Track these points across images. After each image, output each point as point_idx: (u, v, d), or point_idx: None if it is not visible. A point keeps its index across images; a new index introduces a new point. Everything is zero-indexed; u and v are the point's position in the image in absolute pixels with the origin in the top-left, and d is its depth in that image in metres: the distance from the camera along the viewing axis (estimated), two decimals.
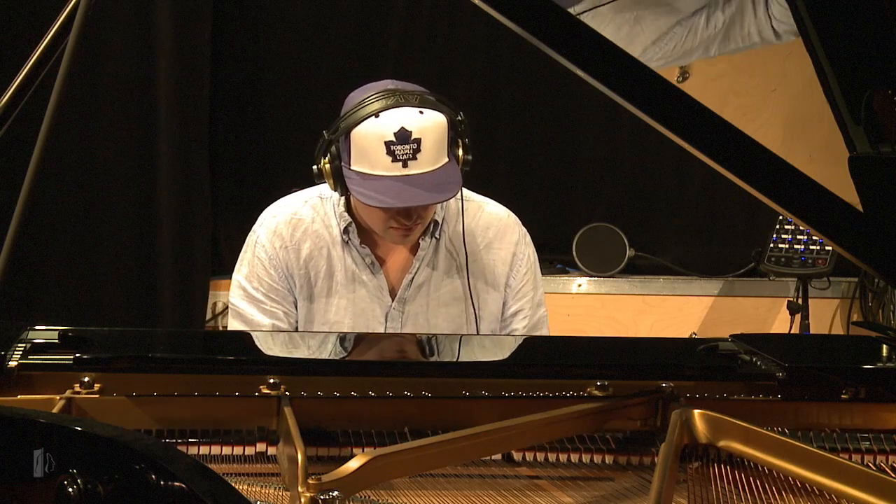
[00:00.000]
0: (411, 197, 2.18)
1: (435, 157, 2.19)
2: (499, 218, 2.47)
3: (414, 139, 2.15)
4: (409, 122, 2.16)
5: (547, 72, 4.05)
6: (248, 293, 2.40)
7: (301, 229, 2.40)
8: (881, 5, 1.43)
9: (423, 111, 2.19)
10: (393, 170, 2.16)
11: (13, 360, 1.66)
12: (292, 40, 4.08)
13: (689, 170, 4.15)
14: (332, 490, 1.29)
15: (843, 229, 1.52)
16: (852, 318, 4.16)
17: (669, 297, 4.13)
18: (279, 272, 2.38)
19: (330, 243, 2.38)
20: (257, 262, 2.40)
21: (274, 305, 2.38)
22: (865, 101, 1.48)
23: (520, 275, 2.44)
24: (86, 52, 3.67)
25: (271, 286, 2.38)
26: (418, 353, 2.12)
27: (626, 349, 2.31)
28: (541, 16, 1.39)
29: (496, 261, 2.43)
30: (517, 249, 2.45)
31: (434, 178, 2.18)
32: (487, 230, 2.44)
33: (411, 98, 2.20)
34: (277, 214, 2.43)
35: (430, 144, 2.17)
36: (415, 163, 2.16)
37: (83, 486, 1.20)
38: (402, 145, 2.15)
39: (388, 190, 2.17)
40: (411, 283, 2.39)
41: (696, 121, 1.45)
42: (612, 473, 1.61)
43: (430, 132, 2.18)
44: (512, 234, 2.46)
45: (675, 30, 2.74)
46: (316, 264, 2.38)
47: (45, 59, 1.61)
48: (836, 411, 1.73)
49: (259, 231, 2.43)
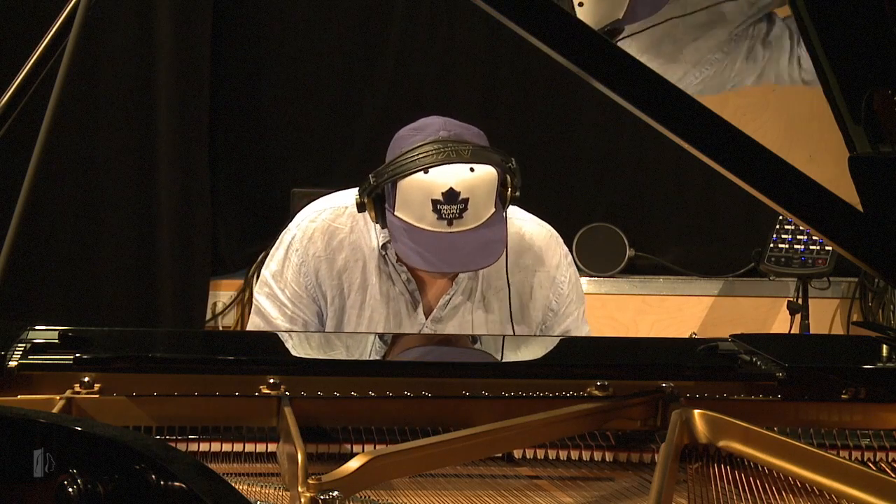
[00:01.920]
0: (455, 261, 2.16)
1: (482, 213, 2.15)
2: (538, 240, 2.41)
3: (462, 199, 2.11)
4: (459, 181, 2.11)
5: (547, 72, 4.05)
6: (273, 292, 2.36)
7: (338, 238, 2.35)
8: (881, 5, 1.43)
9: (473, 168, 2.13)
10: (438, 227, 2.12)
11: (13, 360, 1.66)
12: (292, 40, 4.09)
13: (689, 170, 4.15)
14: (332, 490, 1.29)
15: (843, 229, 1.52)
16: (852, 318, 4.17)
17: (669, 297, 4.13)
18: (308, 279, 2.34)
19: (366, 256, 2.33)
20: (288, 263, 2.36)
21: (296, 311, 2.35)
22: (865, 101, 1.48)
23: (562, 297, 2.40)
24: (86, 52, 3.67)
25: (296, 292, 2.35)
26: (419, 353, 2.12)
27: (626, 349, 2.31)
28: (541, 16, 1.39)
29: (535, 284, 2.38)
30: (557, 273, 2.40)
31: (478, 237, 2.14)
32: (529, 252, 2.39)
33: (463, 152, 2.13)
34: (315, 220, 2.37)
35: (478, 202, 2.13)
36: (460, 221, 2.12)
37: (83, 486, 1.20)
38: (449, 205, 2.11)
39: (432, 247, 2.13)
40: (447, 304, 2.35)
41: (696, 121, 1.45)
42: (612, 473, 1.61)
43: (479, 190, 2.13)
44: (552, 256, 2.41)
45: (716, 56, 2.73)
46: (350, 276, 2.34)
47: (45, 59, 1.61)
48: (836, 411, 1.73)
49: (295, 232, 2.38)
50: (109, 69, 3.86)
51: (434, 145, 2.14)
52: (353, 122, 4.11)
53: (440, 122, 2.21)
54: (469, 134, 2.21)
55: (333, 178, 4.09)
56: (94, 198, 3.92)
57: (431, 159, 2.12)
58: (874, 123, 1.48)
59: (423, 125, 2.22)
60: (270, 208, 4.10)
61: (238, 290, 4.08)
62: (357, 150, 4.13)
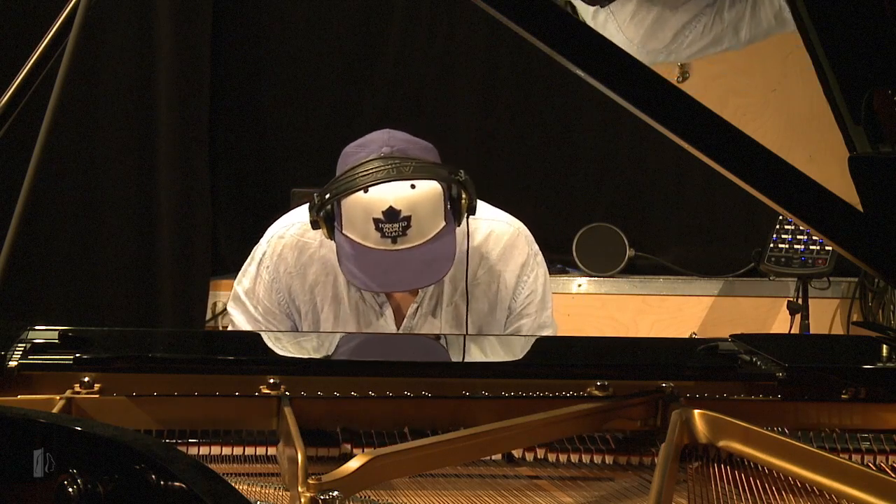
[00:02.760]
0: (398, 280, 2.13)
1: (427, 230, 2.12)
2: (507, 236, 2.38)
3: (403, 217, 2.08)
4: (399, 199, 2.08)
5: (547, 72, 4.05)
6: (247, 309, 2.38)
7: (307, 253, 2.35)
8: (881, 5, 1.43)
9: (414, 185, 2.09)
10: (382, 244, 2.10)
11: (13, 360, 1.66)
12: (292, 40, 4.09)
13: (689, 170, 4.14)
14: (332, 490, 1.29)
15: (843, 229, 1.52)
16: (852, 318, 4.16)
17: (669, 297, 4.12)
18: (280, 295, 2.35)
19: (337, 270, 2.31)
20: (259, 280, 2.37)
21: (268, 327, 2.36)
22: (865, 101, 1.48)
23: (521, 297, 2.38)
24: (86, 52, 3.67)
25: (268, 308, 2.36)
26: (419, 353, 2.12)
27: (626, 349, 2.31)
28: (541, 16, 1.39)
29: (500, 284, 2.36)
30: (523, 271, 2.37)
31: (424, 253, 2.12)
32: (493, 251, 2.37)
33: (404, 169, 2.10)
34: (284, 235, 2.37)
35: (422, 218, 2.10)
36: (404, 238, 2.10)
37: (83, 486, 1.20)
38: (390, 224, 2.08)
39: (377, 265, 2.11)
40: (416, 312, 2.34)
41: (696, 121, 1.45)
42: (612, 473, 1.61)
43: (422, 206, 2.10)
44: (519, 255, 2.38)
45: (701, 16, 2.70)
46: (323, 290, 2.34)
47: (45, 59, 1.61)
48: (836, 411, 1.73)
49: (266, 249, 2.38)
50: (109, 69, 3.86)
51: (376, 163, 2.11)
52: (353, 122, 4.11)
53: (385, 137, 2.18)
54: (415, 149, 2.17)
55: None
56: (94, 198, 3.92)
57: (372, 178, 2.09)
58: (874, 123, 1.48)
59: (368, 141, 2.19)
60: (270, 208, 4.07)
61: None
62: None
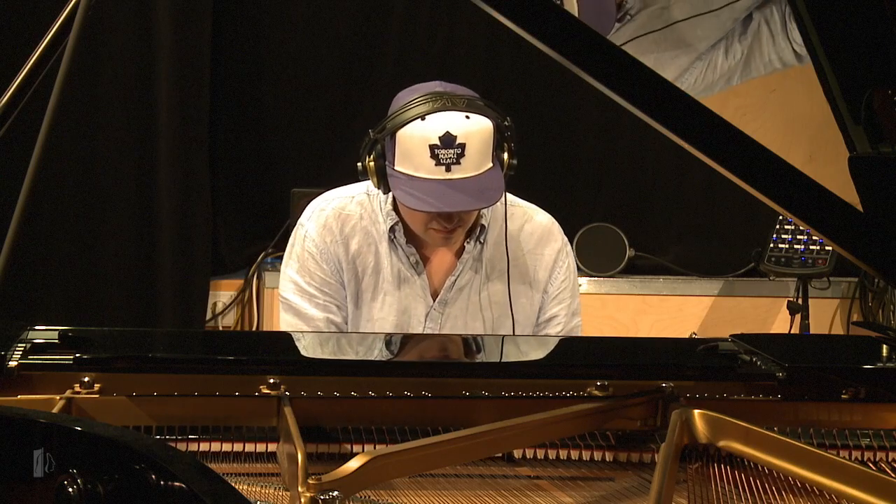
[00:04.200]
0: (454, 202, 2.19)
1: (479, 162, 2.20)
2: (543, 225, 2.47)
3: (458, 144, 2.16)
4: (455, 126, 2.17)
5: (547, 72, 4.05)
6: (301, 287, 2.39)
7: (350, 224, 2.40)
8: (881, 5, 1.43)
9: (469, 116, 2.19)
10: (436, 173, 2.18)
11: (13, 360, 1.66)
12: (292, 40, 4.08)
13: (689, 170, 4.15)
14: (332, 490, 1.29)
15: (843, 229, 1.52)
16: (852, 318, 4.17)
17: (669, 297, 4.12)
18: (331, 265, 2.38)
19: (377, 240, 2.39)
20: (307, 255, 2.39)
21: (327, 299, 2.38)
22: (865, 101, 1.48)
23: (558, 281, 2.45)
24: (86, 52, 3.67)
25: (324, 280, 2.38)
26: (419, 352, 2.12)
27: (626, 349, 2.31)
28: (541, 16, 1.39)
29: (538, 266, 2.44)
30: (559, 257, 2.45)
31: (477, 184, 2.19)
32: (531, 236, 2.45)
33: (458, 102, 2.20)
34: (325, 208, 2.42)
35: (475, 149, 2.18)
36: (458, 167, 2.17)
37: (83, 486, 1.20)
38: (446, 149, 2.16)
39: (431, 193, 2.18)
40: (453, 285, 2.40)
41: (696, 121, 1.45)
42: (612, 473, 1.61)
43: (475, 137, 2.18)
44: (555, 241, 2.46)
45: (696, 65, 2.75)
46: (364, 260, 2.39)
47: (45, 59, 1.61)
48: (835, 411, 1.73)
49: (307, 225, 2.41)
50: (109, 69, 3.86)
51: (430, 95, 2.22)
52: (353, 122, 4.11)
53: (437, 82, 2.29)
54: (464, 91, 2.28)
55: (333, 178, 4.06)
56: (94, 198, 3.92)
57: (428, 107, 2.19)
58: (874, 123, 1.49)
59: (421, 85, 2.29)
60: (270, 208, 4.10)
61: (238, 290, 4.08)
62: (357, 150, 4.12)
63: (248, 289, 4.05)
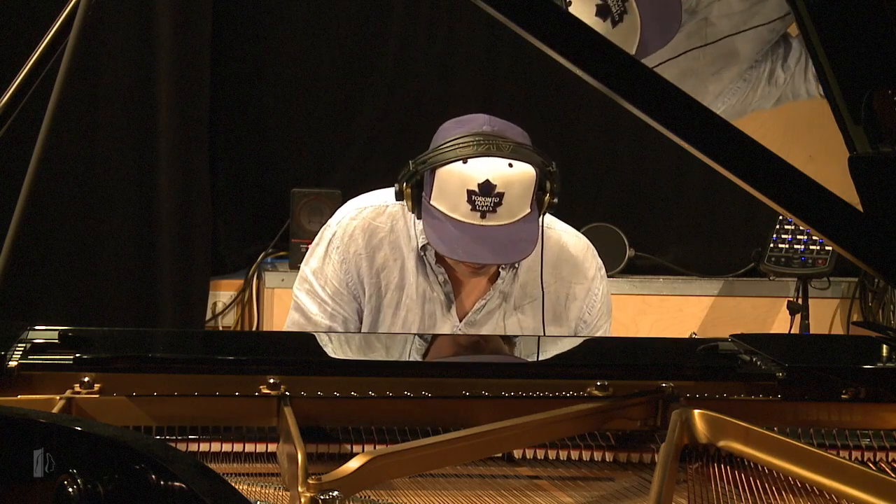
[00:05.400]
0: (481, 254, 2.15)
1: (515, 211, 2.15)
2: (578, 251, 2.41)
3: (497, 193, 2.12)
4: (496, 175, 2.12)
5: (547, 72, 4.05)
6: (314, 289, 2.36)
7: (378, 237, 2.35)
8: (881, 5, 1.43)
9: (512, 164, 2.14)
10: (471, 218, 2.13)
11: (13, 360, 1.66)
12: (292, 40, 4.09)
13: (689, 170, 4.15)
14: (332, 490, 1.29)
15: (843, 229, 1.52)
16: (852, 318, 4.17)
17: (669, 297, 4.13)
18: (349, 276, 2.34)
19: (405, 255, 2.34)
20: (328, 261, 2.36)
21: (336, 308, 2.35)
22: (865, 101, 1.48)
23: (594, 310, 2.40)
24: (86, 52, 3.67)
25: (337, 289, 2.35)
26: (419, 353, 2.12)
27: (626, 349, 2.31)
28: (541, 16, 1.39)
29: (569, 294, 2.39)
30: (592, 285, 2.40)
31: (509, 233, 2.15)
32: (566, 263, 2.39)
33: (504, 147, 2.15)
34: (357, 217, 2.37)
35: (514, 198, 2.13)
36: (494, 215, 2.13)
37: (83, 486, 1.20)
38: (484, 197, 2.12)
39: (461, 238, 2.14)
40: (483, 308, 2.35)
41: (696, 121, 1.45)
42: (612, 473, 1.61)
43: (515, 186, 2.13)
44: (589, 268, 2.41)
45: (738, 84, 2.72)
46: (388, 274, 2.35)
47: (45, 59, 1.61)
48: (835, 411, 1.73)
49: (336, 230, 2.37)
50: (109, 69, 3.86)
51: (476, 137, 2.16)
52: (353, 122, 4.11)
53: (485, 118, 2.24)
54: (512, 132, 2.23)
55: (333, 178, 4.11)
56: (94, 198, 3.92)
57: (471, 150, 2.14)
58: (874, 123, 1.49)
59: (468, 119, 2.24)
60: (270, 208, 4.10)
61: (238, 290, 4.08)
62: (357, 150, 4.13)
63: (248, 289, 4.06)
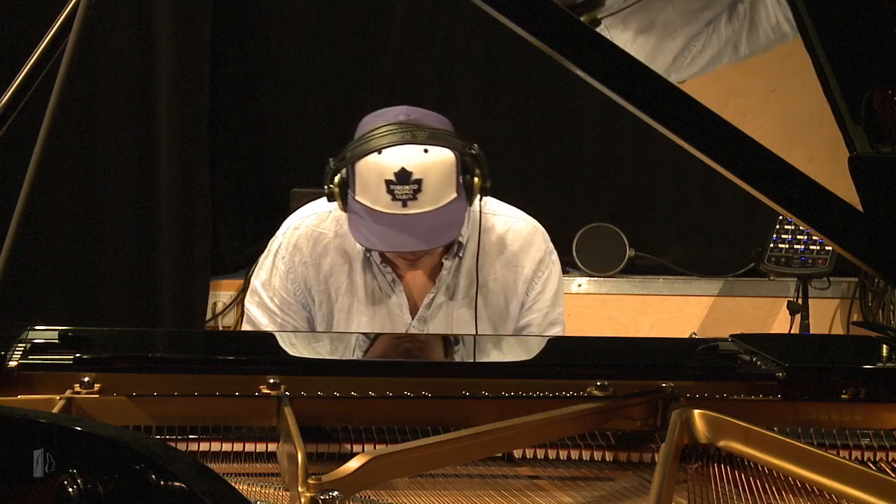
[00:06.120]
0: (404, 242, 2.15)
1: (437, 196, 2.14)
2: (524, 234, 2.40)
3: (415, 180, 2.11)
4: (411, 162, 2.11)
5: (547, 72, 4.05)
6: (263, 301, 2.38)
7: (322, 243, 2.36)
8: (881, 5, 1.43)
9: (428, 149, 2.13)
10: (393, 208, 2.12)
11: (13, 360, 1.66)
12: (292, 40, 4.08)
13: (689, 170, 4.15)
14: (332, 490, 1.29)
15: (843, 229, 1.52)
16: (852, 318, 4.16)
17: (669, 297, 4.12)
18: (296, 286, 2.36)
19: (352, 258, 2.34)
20: (275, 272, 2.37)
21: (285, 318, 2.36)
22: (865, 101, 1.48)
23: (534, 293, 2.39)
24: (86, 52, 3.67)
25: (285, 299, 2.36)
26: (419, 352, 2.12)
27: (626, 349, 2.31)
28: (541, 16, 1.39)
29: (517, 278, 2.38)
30: (539, 267, 2.39)
31: (434, 219, 2.14)
32: (511, 246, 2.39)
33: (419, 134, 2.14)
34: (300, 226, 2.39)
35: (433, 184, 2.12)
36: (415, 203, 2.12)
37: (83, 486, 1.20)
38: (401, 186, 2.11)
39: (385, 230, 2.14)
40: (432, 302, 2.36)
41: (696, 121, 1.45)
42: (612, 473, 1.61)
43: (433, 172, 2.12)
44: (536, 251, 2.40)
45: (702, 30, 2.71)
46: (337, 280, 2.36)
47: (45, 59, 1.61)
48: (835, 411, 1.73)
49: (281, 241, 2.39)
50: (109, 69, 3.86)
51: (390, 127, 2.16)
52: (353, 122, 4.09)
53: (403, 108, 2.24)
54: (431, 119, 2.21)
55: None
56: (94, 198, 3.92)
57: (386, 140, 2.14)
58: (874, 123, 1.49)
59: (386, 111, 2.24)
60: (270, 208, 4.09)
61: (238, 290, 4.08)
62: None
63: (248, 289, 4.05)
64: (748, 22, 2.70)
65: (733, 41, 2.74)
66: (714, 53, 2.72)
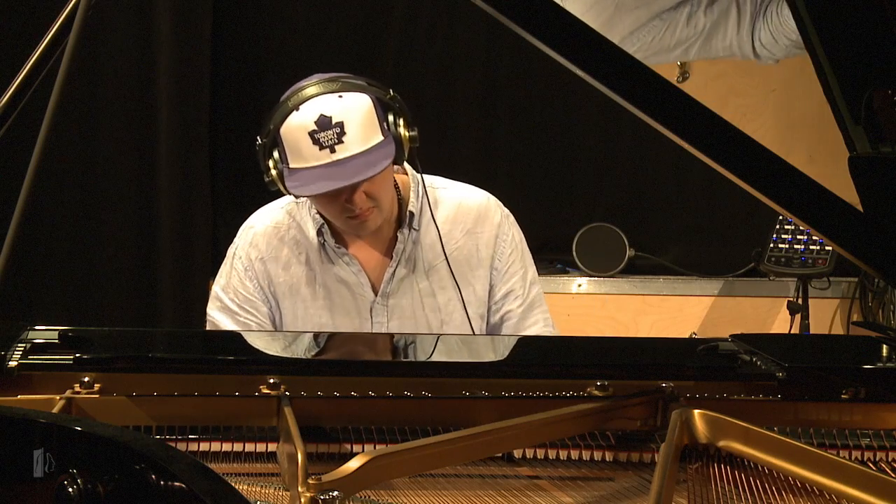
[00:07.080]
0: (338, 179, 2.18)
1: (364, 138, 2.19)
2: (478, 202, 2.46)
3: (336, 123, 2.17)
4: (328, 108, 2.18)
5: (547, 72, 4.05)
6: (224, 304, 2.41)
7: (278, 237, 2.41)
8: (881, 5, 1.43)
9: (342, 95, 2.20)
10: (322, 158, 2.17)
11: (13, 360, 1.66)
12: (292, 40, 4.08)
13: (689, 170, 4.14)
14: (332, 490, 1.29)
15: (843, 229, 1.52)
16: (852, 318, 4.16)
17: (669, 297, 4.12)
18: (254, 283, 2.40)
19: (308, 247, 2.39)
20: (234, 273, 2.42)
21: (247, 316, 2.39)
22: (865, 101, 1.48)
23: (505, 255, 2.44)
24: (86, 52, 3.67)
25: (246, 297, 2.40)
26: (418, 352, 2.12)
27: (626, 349, 2.31)
28: (540, 16, 1.39)
29: (479, 244, 2.43)
30: (499, 231, 2.44)
31: (365, 158, 2.19)
32: (468, 215, 2.44)
33: (331, 85, 2.21)
34: (255, 225, 2.45)
35: (355, 126, 2.18)
36: (342, 146, 2.17)
37: (83, 486, 1.20)
38: (324, 131, 2.17)
39: (319, 178, 2.18)
40: (393, 276, 2.39)
41: (696, 121, 1.45)
42: (612, 473, 1.61)
43: (352, 114, 2.18)
44: (494, 215, 2.45)
45: (654, 23, 2.72)
46: (297, 270, 2.39)
47: (45, 59, 1.61)
48: (835, 411, 1.73)
49: (238, 243, 2.45)
50: (109, 69, 3.86)
51: (302, 85, 2.24)
52: None
53: (317, 75, 2.29)
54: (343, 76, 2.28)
55: None
56: (94, 198, 3.92)
57: (300, 97, 2.21)
58: (874, 123, 1.48)
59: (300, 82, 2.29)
60: None
61: None
62: None
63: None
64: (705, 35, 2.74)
65: (685, 45, 2.78)
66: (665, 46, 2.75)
